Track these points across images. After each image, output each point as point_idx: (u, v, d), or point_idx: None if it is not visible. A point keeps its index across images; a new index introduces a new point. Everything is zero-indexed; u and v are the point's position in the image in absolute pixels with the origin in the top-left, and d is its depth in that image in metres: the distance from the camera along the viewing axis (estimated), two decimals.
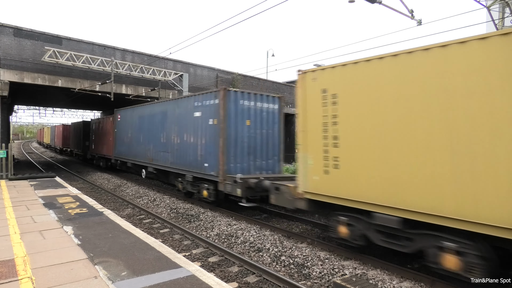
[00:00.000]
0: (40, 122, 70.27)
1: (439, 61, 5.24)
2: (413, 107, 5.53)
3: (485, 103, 4.73)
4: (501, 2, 11.31)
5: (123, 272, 4.86)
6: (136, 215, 11.34)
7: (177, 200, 13.06)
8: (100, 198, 14.07)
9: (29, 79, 17.41)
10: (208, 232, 9.15)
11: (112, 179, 19.04)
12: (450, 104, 5.08)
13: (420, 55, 5.50)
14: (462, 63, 4.99)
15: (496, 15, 11.99)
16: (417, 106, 5.48)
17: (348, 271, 6.24)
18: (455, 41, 5.07)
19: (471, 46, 4.90)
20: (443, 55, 5.19)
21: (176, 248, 7.89)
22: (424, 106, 5.39)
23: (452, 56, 5.09)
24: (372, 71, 6.15)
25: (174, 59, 23.57)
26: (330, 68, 6.90)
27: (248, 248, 7.77)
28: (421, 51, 5.49)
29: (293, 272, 6.48)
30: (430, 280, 5.75)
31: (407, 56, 5.68)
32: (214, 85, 26.65)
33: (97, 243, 6.19)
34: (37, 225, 7.39)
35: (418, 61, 5.51)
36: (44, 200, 10.27)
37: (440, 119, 5.17)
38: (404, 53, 5.70)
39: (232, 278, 6.21)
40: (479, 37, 4.82)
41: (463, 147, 4.91)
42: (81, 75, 19.37)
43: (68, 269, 4.93)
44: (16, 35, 17.16)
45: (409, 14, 10.39)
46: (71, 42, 18.84)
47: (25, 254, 5.52)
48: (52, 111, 50.32)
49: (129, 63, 19.67)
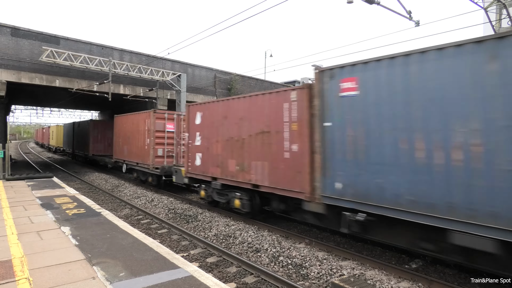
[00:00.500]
0: (37, 122, 69.97)
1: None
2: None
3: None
4: (498, 4, 11.37)
5: (121, 272, 4.85)
6: (134, 215, 11.32)
7: (175, 200, 13.05)
8: (98, 199, 14.03)
9: (27, 79, 17.35)
10: (206, 232, 9.14)
11: (110, 180, 18.99)
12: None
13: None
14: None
15: (493, 17, 12.05)
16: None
17: (346, 272, 6.25)
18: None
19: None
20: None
21: (174, 248, 7.88)
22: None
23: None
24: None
25: (172, 59, 23.56)
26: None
27: (246, 249, 7.77)
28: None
29: (291, 273, 6.49)
30: (428, 280, 5.77)
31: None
32: (212, 85, 26.63)
33: (95, 243, 6.17)
34: (35, 225, 7.36)
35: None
36: (41, 200, 10.23)
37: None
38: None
39: (230, 279, 6.21)
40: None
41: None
42: (79, 75, 19.33)
43: (65, 270, 4.92)
44: (14, 35, 17.10)
45: (407, 15, 10.42)
46: (69, 42, 18.79)
47: (23, 255, 5.50)
48: (49, 111, 50.16)
49: (127, 63, 19.63)
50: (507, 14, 11.14)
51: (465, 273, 6.17)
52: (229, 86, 28.01)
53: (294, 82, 36.88)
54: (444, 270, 6.35)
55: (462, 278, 6.08)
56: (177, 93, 22.28)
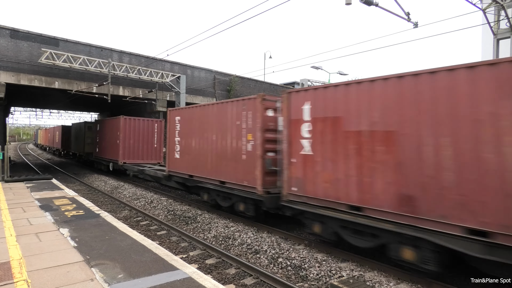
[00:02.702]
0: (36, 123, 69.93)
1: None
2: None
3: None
4: (497, 5, 11.40)
5: (119, 274, 4.84)
6: (133, 217, 11.31)
7: (174, 202, 13.04)
8: (97, 200, 14.02)
9: (26, 81, 17.35)
10: (205, 234, 9.13)
11: (109, 181, 18.97)
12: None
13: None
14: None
15: (491, 18, 12.09)
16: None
17: (345, 273, 6.24)
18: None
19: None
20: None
21: (173, 250, 7.87)
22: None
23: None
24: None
25: (172, 60, 23.59)
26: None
27: (245, 250, 7.76)
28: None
29: (291, 274, 6.48)
30: (427, 281, 5.76)
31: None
32: (211, 87, 26.67)
33: (94, 245, 6.16)
34: (33, 227, 7.35)
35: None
36: (40, 202, 10.22)
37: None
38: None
39: (230, 280, 6.20)
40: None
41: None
42: (78, 76, 19.33)
43: (64, 271, 4.91)
44: (13, 37, 17.11)
45: (406, 16, 10.45)
46: (68, 44, 18.80)
47: (21, 256, 5.49)
48: (49, 113, 50.18)
49: (126, 65, 19.65)
50: (505, 15, 11.17)
51: (464, 274, 6.16)
52: (228, 87, 28.05)
53: (293, 83, 36.87)
54: (443, 272, 6.34)
55: (461, 279, 6.08)
56: (176, 94, 22.29)
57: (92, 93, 19.86)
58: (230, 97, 28.34)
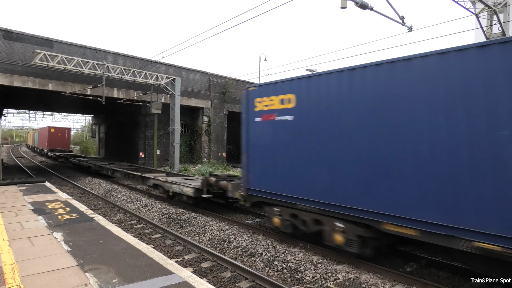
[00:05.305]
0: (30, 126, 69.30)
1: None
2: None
3: None
4: (489, 10, 11.56)
5: (114, 279, 4.79)
6: (127, 220, 11.22)
7: (169, 205, 12.96)
8: (90, 204, 13.89)
9: (19, 83, 17.20)
10: (200, 237, 9.09)
11: (103, 184, 18.82)
12: None
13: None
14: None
15: (484, 22, 12.25)
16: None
17: (341, 275, 6.25)
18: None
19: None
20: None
21: (168, 253, 7.81)
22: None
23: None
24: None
25: (167, 63, 23.54)
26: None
27: (241, 253, 7.74)
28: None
29: (286, 277, 6.47)
30: (422, 283, 5.79)
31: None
32: (206, 89, 26.63)
33: (88, 249, 6.10)
34: (26, 231, 7.25)
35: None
36: (33, 205, 10.10)
37: None
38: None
39: (225, 284, 6.17)
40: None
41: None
42: (72, 78, 19.21)
43: (57, 276, 4.85)
44: (6, 38, 16.96)
45: (400, 20, 10.55)
46: (62, 45, 18.68)
47: (14, 261, 5.41)
48: (42, 115, 49.74)
49: (121, 67, 19.55)
50: (497, 20, 11.33)
51: (459, 275, 6.20)
52: (223, 90, 28.03)
53: None
54: (439, 273, 6.38)
55: (456, 281, 6.11)
56: (171, 97, 22.23)
57: (86, 95, 19.73)
58: (225, 100, 28.36)
